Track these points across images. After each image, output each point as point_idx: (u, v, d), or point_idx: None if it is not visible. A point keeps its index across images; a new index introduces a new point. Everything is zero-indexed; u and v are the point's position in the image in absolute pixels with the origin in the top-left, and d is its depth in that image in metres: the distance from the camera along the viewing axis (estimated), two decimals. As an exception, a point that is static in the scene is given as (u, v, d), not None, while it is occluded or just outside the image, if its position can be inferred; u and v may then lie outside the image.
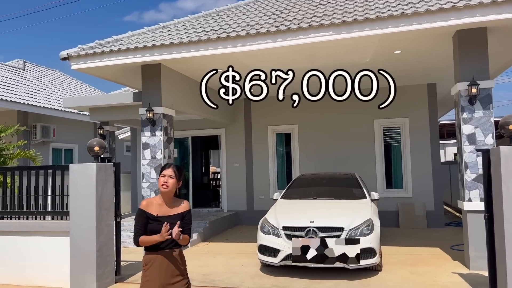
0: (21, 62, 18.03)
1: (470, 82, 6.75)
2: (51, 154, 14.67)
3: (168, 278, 3.26)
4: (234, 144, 12.62)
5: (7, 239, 6.61)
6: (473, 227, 6.62)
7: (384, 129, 11.57)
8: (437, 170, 11.02)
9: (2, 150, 8.48)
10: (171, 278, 3.27)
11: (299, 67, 8.96)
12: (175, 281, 3.28)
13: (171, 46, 7.45)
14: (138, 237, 3.24)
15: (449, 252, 7.93)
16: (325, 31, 6.71)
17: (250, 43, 7.09)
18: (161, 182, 3.34)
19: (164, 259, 3.27)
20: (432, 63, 9.13)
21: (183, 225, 3.31)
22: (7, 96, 12.81)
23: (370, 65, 8.99)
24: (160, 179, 3.35)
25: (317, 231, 6.24)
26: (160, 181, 3.35)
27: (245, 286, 6.12)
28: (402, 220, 10.96)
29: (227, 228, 11.47)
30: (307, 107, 12.00)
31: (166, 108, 8.36)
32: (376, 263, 6.38)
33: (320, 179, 8.64)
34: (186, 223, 3.37)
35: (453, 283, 6.02)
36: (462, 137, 6.87)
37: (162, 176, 3.36)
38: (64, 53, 7.83)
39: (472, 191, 6.76)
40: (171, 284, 3.26)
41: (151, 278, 3.26)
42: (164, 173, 3.36)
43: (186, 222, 3.37)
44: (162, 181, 3.33)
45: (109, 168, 6.48)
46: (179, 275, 3.31)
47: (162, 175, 3.36)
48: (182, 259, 3.40)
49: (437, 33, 6.97)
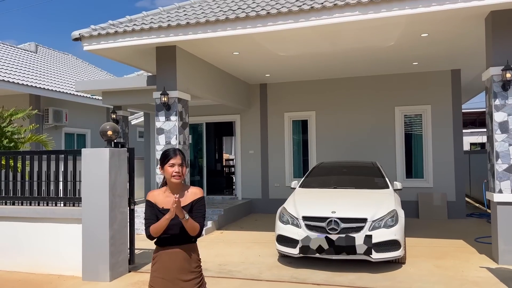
0: (33, 45, 17.85)
1: (504, 66, 6.37)
2: (63, 138, 14.55)
3: (177, 275, 2.95)
4: (249, 131, 12.32)
5: (18, 226, 6.42)
6: (504, 220, 6.33)
7: (405, 116, 11.17)
8: (459, 159, 10.65)
9: (14, 134, 8.30)
10: (180, 275, 2.95)
11: (320, 50, 8.66)
12: (185, 279, 2.97)
13: (187, 27, 7.12)
14: (149, 228, 2.94)
15: (474, 244, 7.61)
16: (351, 10, 6.31)
17: (271, 24, 6.72)
18: (171, 173, 2.93)
19: (171, 254, 2.97)
20: (459, 48, 8.69)
21: (194, 212, 2.97)
22: (19, 79, 12.64)
23: (395, 49, 8.63)
24: (169, 169, 2.94)
25: (339, 222, 5.95)
26: (169, 171, 2.94)
27: (263, 278, 5.88)
28: (422, 210, 10.63)
29: (242, 216, 11.24)
30: (325, 93, 11.69)
31: (181, 92, 8.07)
32: (401, 256, 6.09)
33: (340, 168, 8.32)
34: (197, 210, 3.00)
35: (482, 278, 5.71)
36: (494, 125, 6.50)
37: (170, 165, 2.95)
38: (76, 33, 7.56)
39: (503, 182, 6.41)
40: (182, 281, 2.96)
41: (157, 275, 2.98)
42: (172, 162, 2.95)
43: (197, 210, 3.00)
44: (173, 172, 2.93)
45: (122, 153, 6.23)
46: (189, 273, 3.00)
47: (170, 164, 2.95)
48: (194, 255, 3.06)
49: (469, 14, 6.56)
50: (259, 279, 5.84)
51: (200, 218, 3.00)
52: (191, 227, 2.92)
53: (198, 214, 3.01)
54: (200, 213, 3.02)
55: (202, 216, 3.03)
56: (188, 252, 3.03)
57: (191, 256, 3.04)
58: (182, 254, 3.00)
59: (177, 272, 2.97)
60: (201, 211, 3.03)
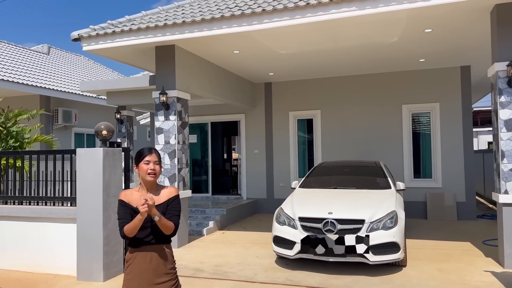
0: (46, 47, 18.09)
1: (510, 61, 6.12)
2: (73, 138, 14.68)
3: (151, 278, 2.89)
4: (254, 130, 12.21)
5: (15, 225, 6.46)
6: (510, 222, 6.10)
7: (412, 114, 10.91)
8: (469, 158, 10.32)
9: (19, 134, 8.36)
10: (154, 277, 2.89)
11: (322, 48, 8.50)
12: (159, 282, 2.90)
13: (183, 25, 7.05)
14: (123, 228, 2.89)
15: (481, 247, 7.35)
16: (348, 6, 6.14)
17: (266, 21, 6.60)
18: (146, 170, 2.94)
19: (146, 256, 2.91)
20: (467, 43, 8.41)
21: (168, 211, 2.93)
22: (29, 80, 12.81)
23: (399, 45, 8.41)
24: (144, 167, 2.95)
25: (336, 223, 5.80)
26: (143, 169, 2.95)
27: (257, 280, 5.77)
28: (431, 211, 10.34)
29: (246, 216, 11.15)
30: (330, 92, 11.50)
31: (181, 92, 8.01)
32: (400, 259, 5.90)
33: (342, 168, 8.15)
34: (172, 209, 2.97)
35: (485, 283, 5.48)
36: (499, 123, 6.25)
37: (145, 163, 2.95)
38: (75, 33, 7.56)
39: (508, 182, 6.17)
40: (155, 284, 2.89)
41: (131, 277, 2.91)
42: (148, 159, 2.96)
43: (171, 208, 2.97)
44: (148, 169, 2.94)
45: (117, 153, 6.20)
46: (164, 275, 2.92)
47: (146, 161, 2.95)
48: (169, 256, 3.00)
49: (473, 8, 6.32)
50: (252, 281, 5.74)
51: (175, 217, 2.97)
52: (164, 226, 2.87)
53: (174, 213, 2.97)
54: (175, 211, 2.99)
55: (177, 215, 2.99)
56: (163, 253, 2.97)
57: (166, 258, 2.98)
58: (156, 255, 2.94)
59: (152, 274, 2.91)
60: (176, 209, 3.00)
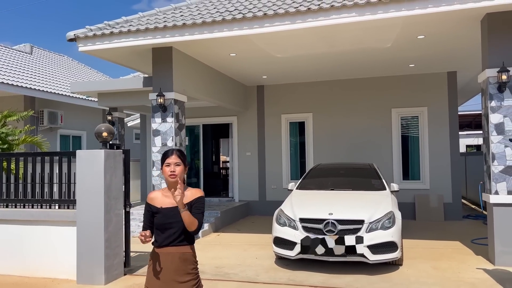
0: (28, 47, 17.73)
1: (500, 68, 6.39)
2: (58, 140, 14.45)
3: (173, 276, 2.93)
4: (246, 132, 12.28)
5: (12, 228, 6.34)
6: (500, 221, 6.35)
7: (401, 118, 11.18)
8: (455, 161, 10.66)
9: (8, 135, 8.22)
10: (176, 276, 2.93)
11: (317, 52, 8.64)
12: (181, 281, 2.94)
13: (183, 28, 7.08)
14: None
15: (470, 246, 7.62)
16: (348, 12, 6.30)
17: (268, 25, 6.70)
18: (167, 172, 2.96)
19: (168, 255, 2.95)
20: (455, 50, 8.71)
21: (193, 210, 2.95)
22: (13, 80, 12.54)
23: (391, 51, 8.63)
24: (165, 169, 2.98)
25: (336, 223, 5.92)
26: (165, 171, 2.98)
27: (260, 280, 5.84)
28: (419, 212, 10.62)
29: (239, 218, 11.19)
30: (322, 95, 11.68)
31: (178, 94, 8.03)
32: (398, 257, 6.07)
33: (338, 169, 8.30)
34: (197, 208, 2.98)
35: (479, 280, 5.70)
36: (490, 127, 6.51)
37: (166, 165, 2.98)
38: (71, 33, 7.50)
39: (499, 183, 6.42)
40: (178, 283, 2.94)
41: (153, 275, 2.96)
42: (168, 161, 2.98)
43: (196, 207, 2.98)
44: (169, 171, 2.96)
45: (118, 155, 6.18)
46: (186, 275, 2.97)
47: (167, 163, 2.98)
48: (190, 257, 3.03)
49: (465, 16, 6.57)
50: (255, 281, 5.80)
51: (199, 215, 2.97)
52: (189, 221, 2.87)
53: (197, 211, 2.97)
54: (200, 210, 2.99)
55: (201, 213, 3.00)
56: (185, 253, 3.00)
57: (188, 257, 3.01)
58: (178, 255, 2.97)
59: (173, 273, 2.95)
60: (201, 208, 3.01)
